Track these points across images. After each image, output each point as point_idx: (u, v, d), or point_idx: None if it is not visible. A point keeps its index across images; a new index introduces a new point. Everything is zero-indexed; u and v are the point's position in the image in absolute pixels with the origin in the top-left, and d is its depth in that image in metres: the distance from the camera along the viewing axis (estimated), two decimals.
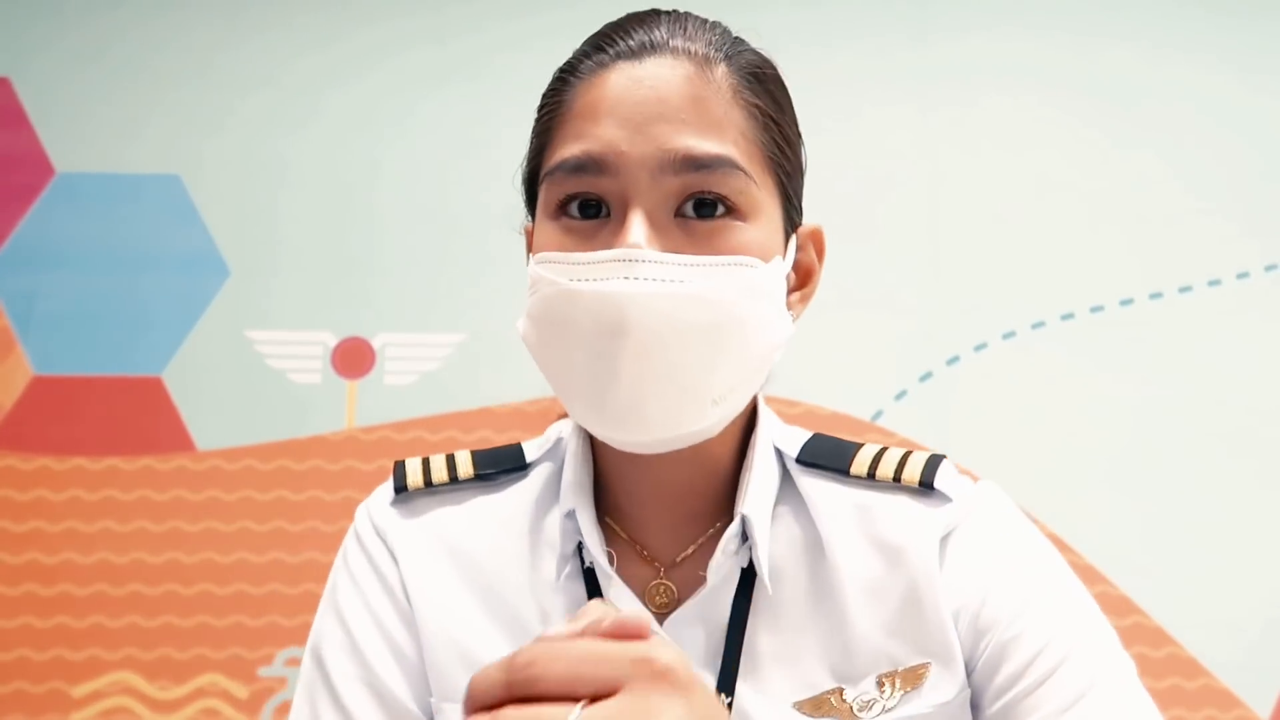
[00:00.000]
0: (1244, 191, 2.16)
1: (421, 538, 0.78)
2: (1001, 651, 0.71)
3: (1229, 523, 2.05)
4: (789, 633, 0.73)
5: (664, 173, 0.68)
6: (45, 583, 2.00)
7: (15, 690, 1.97)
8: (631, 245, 0.66)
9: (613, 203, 0.70)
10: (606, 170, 0.69)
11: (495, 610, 0.75)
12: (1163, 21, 2.21)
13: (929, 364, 2.09)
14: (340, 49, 2.21)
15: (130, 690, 1.98)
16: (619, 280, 0.66)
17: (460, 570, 0.77)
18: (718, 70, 0.71)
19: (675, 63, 0.70)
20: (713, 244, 0.69)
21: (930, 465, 0.77)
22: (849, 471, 0.77)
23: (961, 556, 0.74)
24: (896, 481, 0.77)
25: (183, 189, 2.15)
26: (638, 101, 0.69)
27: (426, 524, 0.79)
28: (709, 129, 0.69)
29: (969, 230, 2.13)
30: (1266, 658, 2.01)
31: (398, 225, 2.16)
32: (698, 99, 0.69)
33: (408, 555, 0.77)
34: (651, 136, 0.68)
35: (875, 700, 0.71)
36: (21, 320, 2.09)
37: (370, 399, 2.09)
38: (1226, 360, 2.10)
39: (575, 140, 0.70)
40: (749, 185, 0.70)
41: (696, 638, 0.73)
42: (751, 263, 0.69)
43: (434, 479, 0.81)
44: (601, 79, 0.71)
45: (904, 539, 0.74)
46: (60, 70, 2.18)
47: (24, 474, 2.04)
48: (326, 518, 2.03)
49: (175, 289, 2.12)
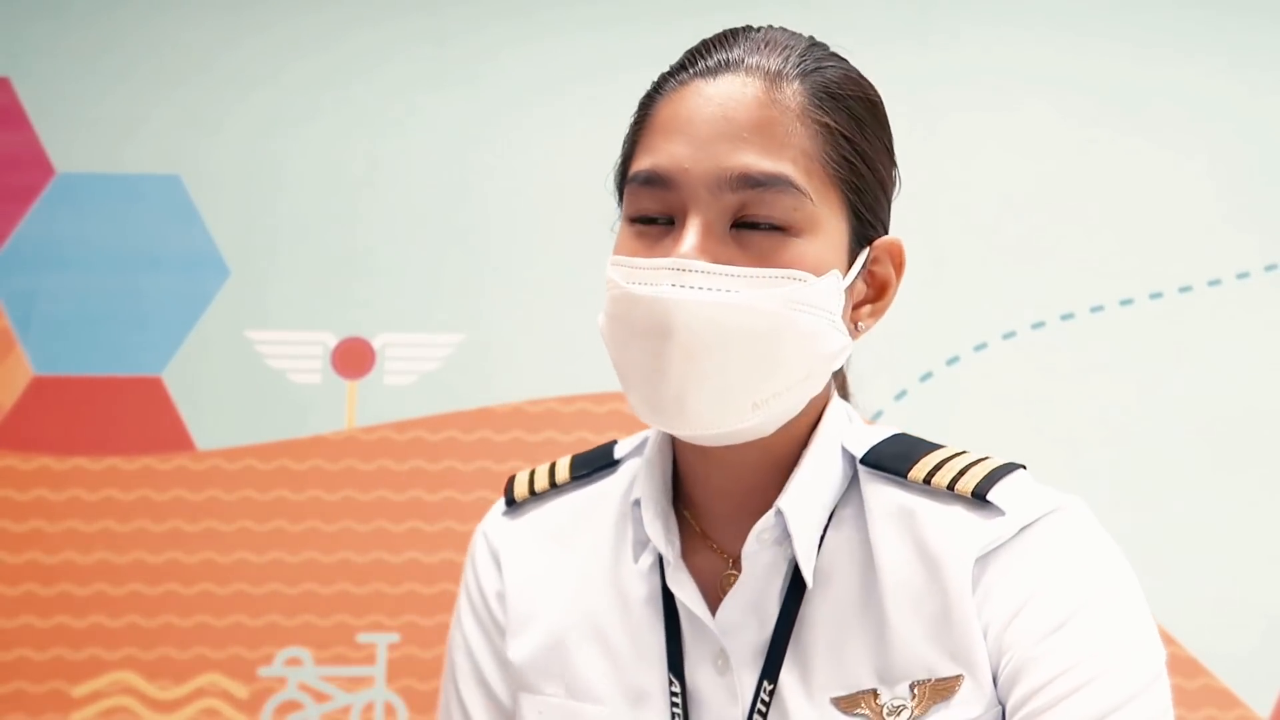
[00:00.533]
0: (1244, 191, 2.16)
1: (525, 535, 0.89)
2: (1019, 669, 0.71)
3: (1229, 522, 2.05)
4: (837, 630, 0.76)
5: (721, 189, 0.73)
6: (45, 583, 2.00)
7: (15, 690, 1.97)
8: (682, 255, 0.71)
9: (676, 214, 0.75)
10: (671, 185, 0.74)
11: (581, 596, 0.84)
12: (1162, 22, 2.21)
13: (929, 364, 2.09)
14: (340, 49, 2.21)
15: (130, 690, 1.98)
16: (668, 287, 0.71)
17: (554, 559, 0.86)
18: (789, 88, 0.75)
19: (746, 81, 0.75)
20: (765, 257, 0.73)
21: (991, 476, 0.77)
22: (907, 476, 0.79)
23: (1000, 572, 0.74)
24: (951, 490, 0.77)
25: (183, 189, 2.15)
26: (704, 120, 0.74)
27: (529, 522, 0.90)
28: (768, 147, 0.73)
29: (969, 230, 2.13)
30: (1266, 658, 2.01)
31: (398, 225, 2.16)
32: (760, 117, 0.73)
33: (510, 554, 0.88)
34: (713, 154, 0.73)
35: (905, 706, 0.73)
36: (21, 320, 2.09)
37: (370, 399, 2.09)
38: (1226, 360, 2.10)
39: (649, 154, 0.76)
40: (803, 202, 0.73)
41: (748, 625, 0.78)
42: (801, 276, 0.73)
43: (537, 487, 0.91)
44: (680, 96, 0.77)
45: (944, 550, 0.75)
46: (60, 70, 2.18)
47: (24, 474, 2.04)
48: (326, 518, 2.03)
49: (175, 289, 2.12)
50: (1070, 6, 2.22)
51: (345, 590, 2.02)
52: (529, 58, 2.20)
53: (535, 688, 0.83)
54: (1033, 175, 2.17)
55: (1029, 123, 2.19)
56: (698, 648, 0.79)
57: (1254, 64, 2.20)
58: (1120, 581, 0.75)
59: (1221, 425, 2.08)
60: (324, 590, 2.02)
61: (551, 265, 2.14)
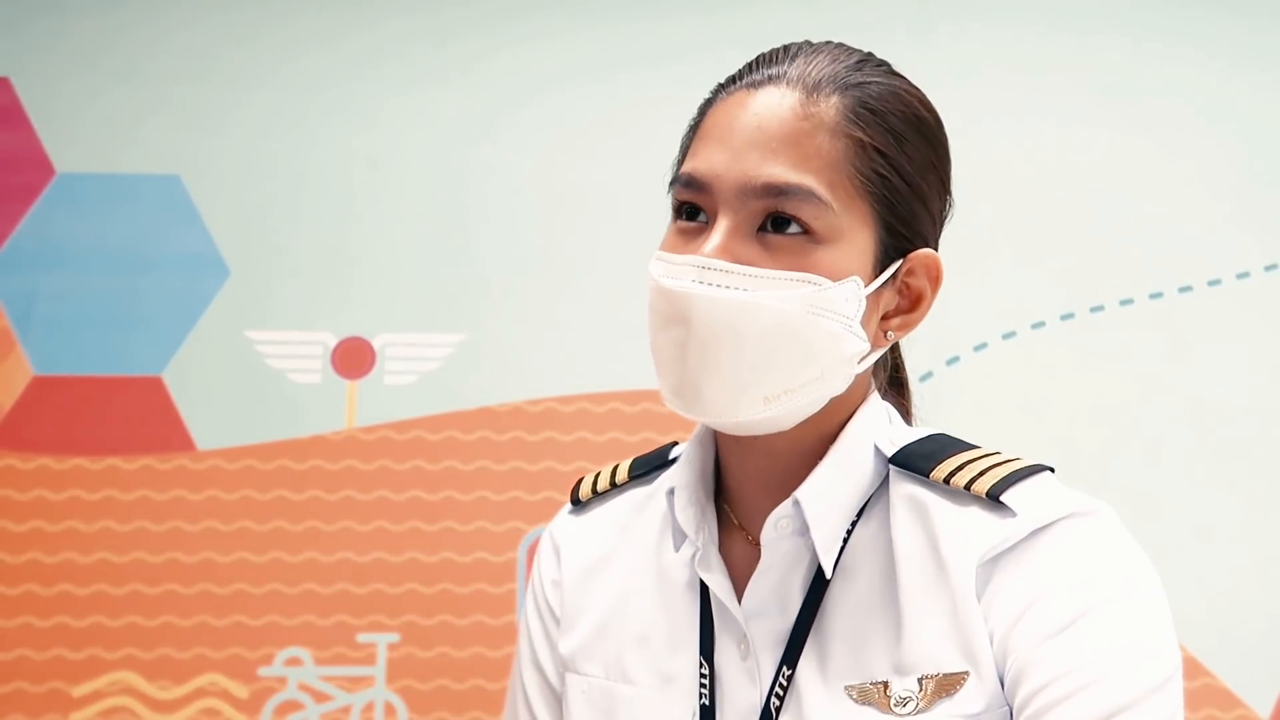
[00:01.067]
0: (1243, 191, 2.16)
1: (586, 529, 0.95)
2: (1024, 669, 0.72)
3: (1229, 522, 2.05)
4: (856, 622, 0.79)
5: (748, 195, 0.77)
6: (45, 583, 2.00)
7: (15, 690, 1.97)
8: (706, 254, 0.76)
9: (710, 215, 0.79)
10: (706, 189, 0.79)
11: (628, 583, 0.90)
12: (1163, 22, 2.22)
13: (929, 364, 2.09)
14: (340, 49, 2.21)
15: (130, 690, 1.98)
16: (690, 282, 0.76)
17: (609, 551, 0.92)
18: (826, 101, 0.79)
19: (785, 93, 0.79)
20: (785, 260, 0.77)
21: (1010, 478, 0.79)
22: (929, 475, 0.81)
23: (1008, 574, 0.75)
24: (968, 490, 0.79)
25: (183, 189, 2.15)
26: (740, 129, 0.79)
27: (592, 518, 0.95)
28: (794, 159, 0.77)
29: (969, 230, 2.12)
30: (1266, 658, 2.02)
31: (398, 225, 2.16)
32: (791, 130, 0.78)
33: (570, 546, 0.94)
34: (743, 162, 0.78)
35: (912, 698, 0.76)
36: (21, 320, 2.09)
37: (370, 399, 2.09)
38: (1226, 360, 2.10)
39: (694, 158, 0.81)
40: (825, 212, 0.77)
41: (771, 612, 0.82)
42: (816, 280, 0.77)
43: (599, 487, 0.96)
44: (726, 105, 0.81)
45: (953, 549, 0.77)
46: (60, 70, 2.18)
47: (24, 474, 2.04)
48: (326, 518, 2.03)
49: (175, 289, 2.12)
50: (1071, 7, 2.22)
51: (345, 590, 2.02)
52: (529, 57, 2.20)
53: (579, 669, 0.90)
54: (1033, 175, 2.17)
55: (1029, 123, 2.19)
56: (725, 633, 0.83)
57: (1254, 64, 2.20)
58: (1138, 585, 0.76)
59: (1221, 425, 2.08)
60: (324, 590, 2.02)
61: (551, 265, 2.14)
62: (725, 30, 2.11)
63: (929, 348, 2.09)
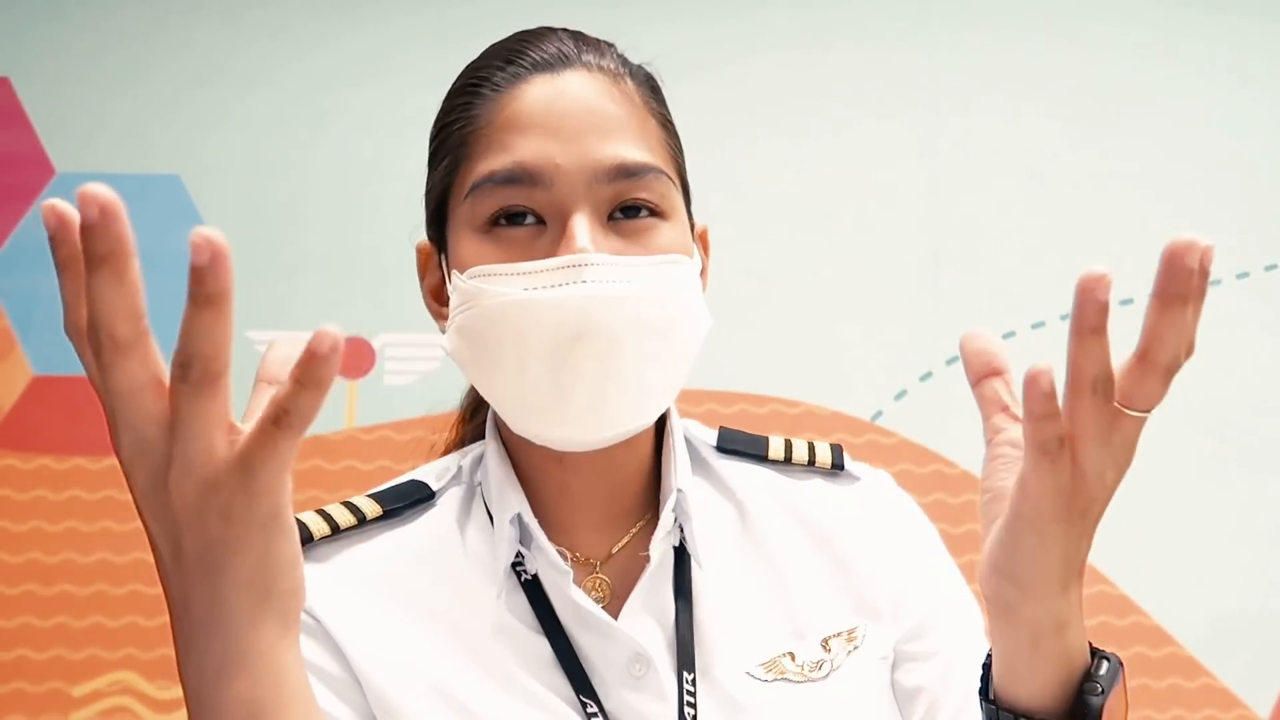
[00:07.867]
0: (1243, 191, 2.16)
1: (336, 581, 0.76)
2: (924, 621, 0.79)
3: (1229, 522, 2.05)
4: (733, 604, 0.77)
5: (599, 182, 0.71)
6: (45, 583, 2.00)
7: (15, 690, 1.97)
8: (580, 250, 0.68)
9: (547, 213, 0.72)
10: (540, 182, 0.71)
11: (441, 631, 0.74)
12: (1161, 23, 2.22)
13: (929, 364, 2.09)
14: (341, 50, 2.21)
15: (130, 690, 1.98)
16: (574, 285, 0.68)
17: (387, 600, 0.75)
18: (627, 84, 0.76)
19: (591, 76, 0.74)
20: (643, 243, 0.72)
21: (837, 450, 0.86)
22: (766, 457, 0.84)
23: (876, 528, 0.82)
24: (810, 465, 0.84)
25: (183, 189, 2.15)
26: (565, 113, 0.72)
27: (339, 566, 0.77)
28: (634, 138, 0.73)
29: (969, 231, 2.13)
30: (1266, 658, 2.01)
31: (398, 225, 2.14)
32: (621, 110, 0.74)
33: (326, 604, 0.75)
34: (584, 147, 0.71)
35: (824, 660, 0.76)
36: (21, 320, 2.09)
37: (370, 399, 2.09)
38: (1226, 360, 2.10)
39: (501, 152, 0.72)
40: (670, 189, 0.74)
41: (651, 626, 0.75)
42: (679, 259, 0.73)
43: (340, 524, 0.78)
44: (519, 91, 0.74)
45: (823, 514, 0.81)
46: (60, 70, 2.18)
47: (24, 474, 2.04)
48: None
49: (175, 289, 2.10)
50: (1070, 9, 2.22)
51: None
52: None
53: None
54: (1032, 175, 2.17)
55: (1029, 123, 2.19)
56: (601, 660, 0.73)
57: (1254, 66, 2.20)
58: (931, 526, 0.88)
59: (1222, 425, 2.08)
60: None
61: None
62: (726, 30, 2.12)
63: (929, 348, 2.09)
